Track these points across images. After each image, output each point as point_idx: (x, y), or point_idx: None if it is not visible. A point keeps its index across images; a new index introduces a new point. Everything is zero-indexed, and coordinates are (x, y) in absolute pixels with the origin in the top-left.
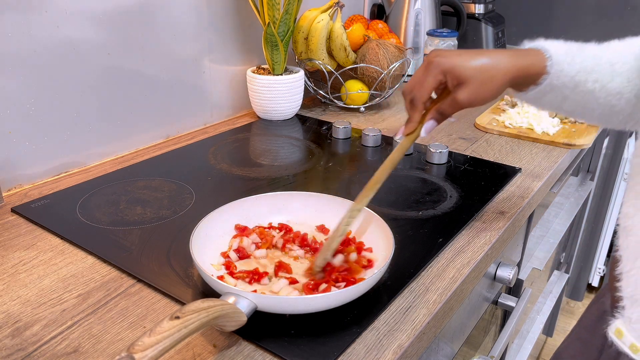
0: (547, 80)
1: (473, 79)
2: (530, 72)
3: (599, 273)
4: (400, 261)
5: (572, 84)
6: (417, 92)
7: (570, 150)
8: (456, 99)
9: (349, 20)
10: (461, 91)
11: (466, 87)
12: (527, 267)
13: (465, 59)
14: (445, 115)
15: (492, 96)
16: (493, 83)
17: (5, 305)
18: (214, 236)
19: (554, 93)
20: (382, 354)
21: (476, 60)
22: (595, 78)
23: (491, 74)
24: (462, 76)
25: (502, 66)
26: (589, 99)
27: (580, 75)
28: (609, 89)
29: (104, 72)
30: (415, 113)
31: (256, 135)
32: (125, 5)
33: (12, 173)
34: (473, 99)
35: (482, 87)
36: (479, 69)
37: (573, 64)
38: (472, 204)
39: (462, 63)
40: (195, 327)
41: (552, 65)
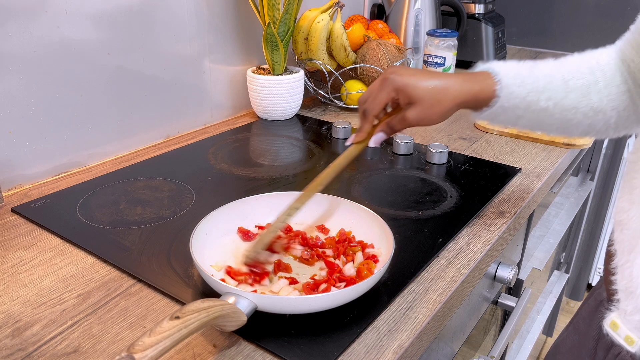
0: (498, 103)
1: (423, 100)
2: (480, 98)
3: (599, 273)
4: (400, 261)
5: (523, 105)
6: (369, 105)
7: (570, 150)
8: (405, 117)
9: (349, 20)
10: (410, 110)
11: (415, 107)
12: (527, 267)
13: (418, 79)
14: (395, 130)
15: (439, 118)
16: (441, 106)
17: (5, 305)
18: (214, 236)
19: (507, 114)
20: (382, 354)
21: (427, 82)
22: (548, 96)
23: (439, 97)
24: (413, 96)
25: (451, 91)
26: (544, 116)
27: (532, 95)
28: (563, 105)
29: (104, 72)
30: (366, 124)
31: (256, 135)
32: (125, 5)
33: (12, 173)
34: (421, 119)
35: (431, 109)
36: (429, 91)
37: (523, 85)
38: (472, 204)
39: (414, 83)
40: (195, 327)
41: (501, 89)
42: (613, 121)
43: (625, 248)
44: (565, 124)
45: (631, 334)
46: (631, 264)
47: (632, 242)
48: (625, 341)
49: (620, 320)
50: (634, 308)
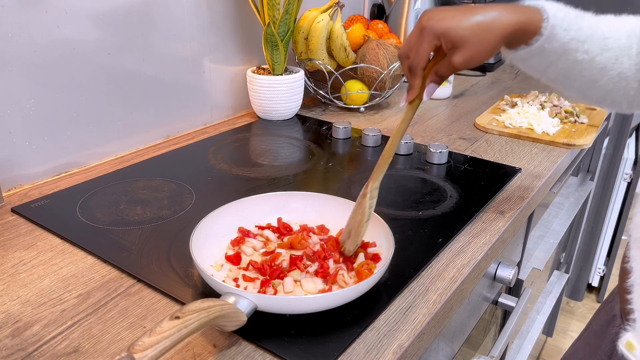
0: (538, 42)
1: (467, 42)
2: (525, 30)
3: (599, 273)
4: (400, 261)
5: (561, 50)
6: (413, 58)
7: (570, 150)
8: (452, 62)
9: (349, 20)
10: (457, 55)
11: (461, 50)
12: (527, 267)
13: (459, 20)
14: (444, 77)
15: (487, 56)
16: (488, 43)
17: (5, 305)
18: (214, 236)
19: (542, 57)
20: (382, 354)
21: (470, 21)
22: (586, 49)
23: (485, 35)
24: (456, 40)
25: (497, 24)
26: (574, 70)
27: (572, 43)
28: (596, 63)
29: (104, 72)
30: (416, 79)
31: (256, 135)
32: (125, 5)
33: (12, 173)
34: (469, 61)
35: (477, 48)
36: (474, 30)
37: (568, 30)
38: (472, 204)
39: (455, 26)
40: (195, 327)
41: (546, 28)
42: (632, 93)
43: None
44: (588, 85)
45: None
46: None
47: None
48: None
49: (636, 341)
50: None
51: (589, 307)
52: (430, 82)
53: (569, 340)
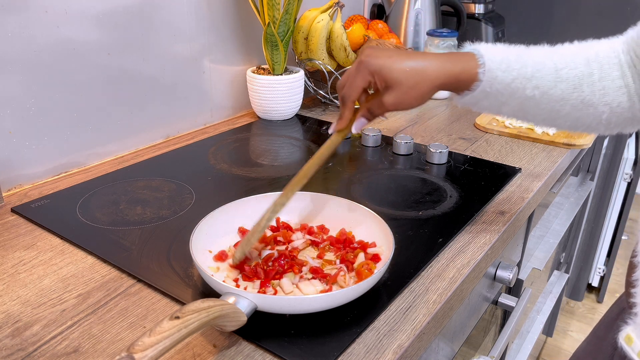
0: (479, 87)
1: (399, 84)
2: (461, 79)
3: (599, 273)
4: (400, 261)
5: (508, 91)
6: (347, 90)
7: (570, 150)
8: (383, 102)
9: (349, 20)
10: (388, 95)
11: (392, 91)
12: (527, 267)
13: (394, 61)
14: (375, 114)
15: (417, 101)
16: (419, 89)
17: (5, 305)
18: (214, 236)
19: (489, 99)
20: (382, 354)
21: (404, 64)
22: (535, 85)
23: (417, 79)
24: (389, 79)
25: (429, 72)
26: (530, 105)
27: (517, 82)
28: (551, 95)
29: (104, 72)
30: (346, 111)
31: (256, 135)
32: (125, 5)
33: (12, 173)
34: (398, 103)
35: (408, 92)
36: (406, 73)
37: (509, 70)
38: (472, 204)
39: (389, 66)
40: (195, 327)
41: (484, 73)
42: (605, 117)
43: None
44: (552, 115)
45: None
46: None
47: None
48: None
49: (635, 335)
50: None
51: (589, 307)
52: (360, 117)
53: (569, 340)
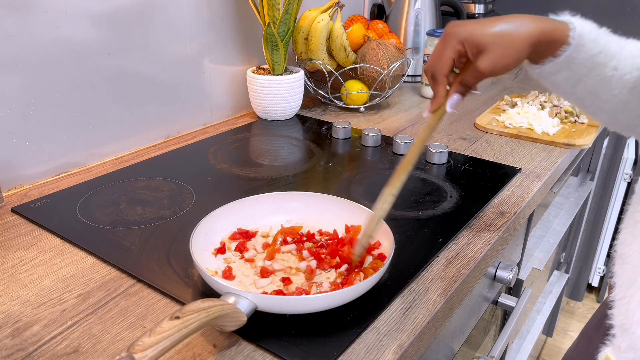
0: (566, 52)
1: (493, 45)
2: (552, 38)
3: (599, 273)
4: (400, 261)
5: (590, 64)
6: (437, 66)
7: (570, 150)
8: (477, 68)
9: (349, 20)
10: (482, 59)
11: (486, 55)
12: (527, 267)
13: (483, 25)
14: (469, 86)
15: (514, 62)
16: (514, 47)
17: (5, 305)
18: (214, 236)
19: (570, 70)
20: (382, 354)
21: (495, 26)
22: (615, 65)
23: (511, 38)
24: (481, 43)
25: (523, 29)
26: (604, 88)
27: (601, 57)
28: (626, 81)
29: (104, 72)
30: (439, 87)
31: (256, 135)
32: (125, 5)
33: (12, 173)
34: (494, 66)
35: (503, 52)
36: (498, 34)
37: (596, 42)
38: (472, 204)
39: (480, 30)
40: (195, 327)
41: (574, 37)
42: None
43: (625, 282)
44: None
45: None
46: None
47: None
48: None
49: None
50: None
51: (589, 307)
52: (454, 92)
53: (569, 340)
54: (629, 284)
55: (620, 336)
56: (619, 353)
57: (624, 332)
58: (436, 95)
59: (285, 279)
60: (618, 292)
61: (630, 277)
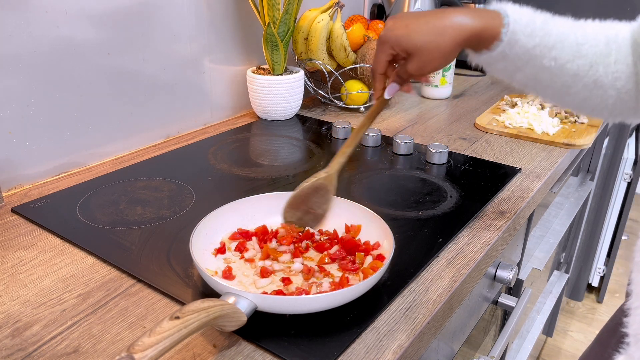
0: (499, 48)
1: (419, 50)
2: (482, 37)
3: (599, 273)
4: (400, 261)
5: (526, 57)
6: (374, 66)
7: (570, 150)
8: (407, 69)
9: (349, 21)
10: (410, 62)
11: (415, 58)
12: (527, 267)
13: (411, 30)
14: (404, 78)
15: (441, 63)
16: (440, 52)
17: (5, 305)
18: (214, 236)
19: (506, 62)
20: (382, 354)
21: (422, 29)
22: (555, 56)
23: (437, 43)
24: (408, 49)
25: (449, 32)
26: (543, 75)
27: (537, 49)
28: (567, 69)
29: (104, 72)
30: (376, 82)
31: (256, 135)
32: (125, 5)
33: (12, 173)
34: (422, 68)
35: (430, 55)
36: (425, 39)
37: (532, 36)
38: (472, 204)
39: (407, 37)
40: (195, 327)
41: (506, 33)
42: (611, 102)
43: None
44: (562, 91)
45: None
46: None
47: None
48: None
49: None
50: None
51: (589, 307)
52: (391, 82)
53: (569, 340)
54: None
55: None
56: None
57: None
58: (375, 88)
59: (285, 279)
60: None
61: None
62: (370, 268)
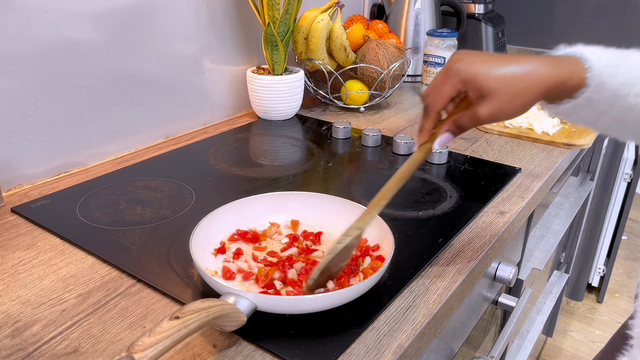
0: (585, 94)
1: (499, 92)
2: (568, 86)
3: (599, 273)
4: (400, 261)
5: (612, 99)
6: (432, 99)
7: (570, 150)
8: (477, 114)
9: (349, 20)
10: (484, 105)
11: (490, 102)
12: (527, 267)
13: (491, 67)
14: (463, 128)
15: (519, 112)
16: (523, 98)
17: (5, 305)
18: (214, 236)
19: (591, 108)
20: (382, 354)
21: (504, 70)
22: (638, 92)
23: (521, 87)
24: (486, 88)
25: (534, 78)
26: (628, 115)
27: (623, 89)
28: None
29: (104, 72)
30: (427, 122)
31: (256, 135)
32: (125, 5)
33: (12, 173)
34: (496, 115)
35: (510, 102)
36: (507, 81)
37: (616, 76)
38: (472, 204)
39: (486, 72)
40: (195, 327)
41: (592, 77)
42: None
43: None
44: None
45: None
46: None
47: None
48: None
49: None
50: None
51: (589, 307)
52: (446, 131)
53: (569, 340)
54: None
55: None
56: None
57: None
58: (422, 128)
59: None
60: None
61: None
62: (370, 268)
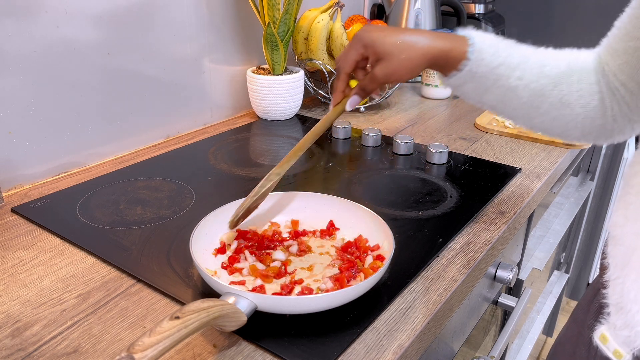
0: (467, 67)
1: (391, 55)
2: (450, 56)
3: None
4: (400, 261)
5: (493, 76)
6: (341, 63)
7: (570, 150)
8: (374, 74)
9: (349, 20)
10: (379, 67)
11: (384, 63)
12: (527, 267)
13: (386, 35)
14: (367, 90)
15: (408, 73)
16: (410, 62)
17: (5, 305)
18: (213, 236)
19: (475, 82)
20: (382, 354)
21: (396, 38)
22: (520, 75)
23: (408, 52)
24: (380, 52)
25: (420, 45)
26: (512, 96)
27: (503, 68)
28: (533, 89)
29: (104, 72)
30: (339, 83)
31: (256, 135)
32: (125, 5)
33: (12, 173)
34: (389, 75)
35: (400, 64)
36: (398, 47)
37: (496, 55)
38: (472, 204)
39: (382, 39)
40: (195, 327)
41: (472, 52)
42: (579, 120)
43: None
44: (531, 111)
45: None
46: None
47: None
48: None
49: (609, 334)
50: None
51: None
52: (354, 94)
53: None
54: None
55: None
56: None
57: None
58: (336, 89)
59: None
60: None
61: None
62: (370, 268)
